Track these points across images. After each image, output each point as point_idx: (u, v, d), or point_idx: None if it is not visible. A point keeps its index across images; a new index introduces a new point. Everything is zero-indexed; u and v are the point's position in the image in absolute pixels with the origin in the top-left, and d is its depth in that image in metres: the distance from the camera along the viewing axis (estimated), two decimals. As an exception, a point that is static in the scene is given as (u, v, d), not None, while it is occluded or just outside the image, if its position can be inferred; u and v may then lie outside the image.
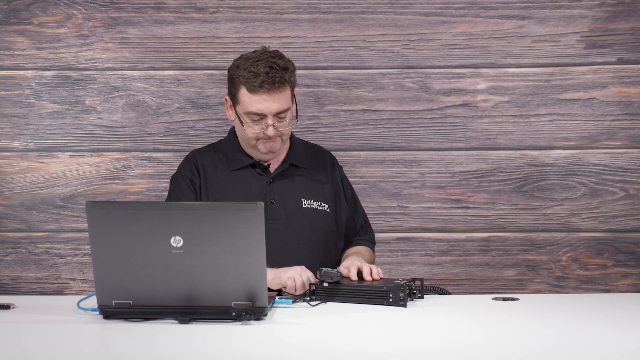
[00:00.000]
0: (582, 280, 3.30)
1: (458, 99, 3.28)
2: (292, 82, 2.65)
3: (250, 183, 2.71)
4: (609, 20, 3.24)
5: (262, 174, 2.72)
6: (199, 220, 2.18)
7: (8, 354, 1.99)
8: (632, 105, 3.26)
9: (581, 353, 2.00)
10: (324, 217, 2.73)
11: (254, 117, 2.63)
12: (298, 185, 2.73)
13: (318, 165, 2.80)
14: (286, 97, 2.63)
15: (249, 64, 2.62)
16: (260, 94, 2.60)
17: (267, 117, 2.62)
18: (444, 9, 3.26)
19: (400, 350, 2.02)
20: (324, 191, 2.76)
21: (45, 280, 3.31)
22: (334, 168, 2.84)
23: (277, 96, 2.61)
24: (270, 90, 2.60)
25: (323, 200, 2.75)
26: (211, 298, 2.21)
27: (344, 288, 2.44)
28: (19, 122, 3.28)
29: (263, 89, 2.60)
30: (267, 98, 2.61)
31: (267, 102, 2.61)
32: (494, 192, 3.29)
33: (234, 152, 2.75)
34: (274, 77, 2.59)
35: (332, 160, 2.86)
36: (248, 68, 2.61)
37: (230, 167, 2.74)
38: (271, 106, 2.61)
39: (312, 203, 2.72)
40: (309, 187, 2.74)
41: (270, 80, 2.59)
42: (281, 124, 2.64)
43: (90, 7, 3.26)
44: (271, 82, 2.59)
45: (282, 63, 2.62)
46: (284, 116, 2.65)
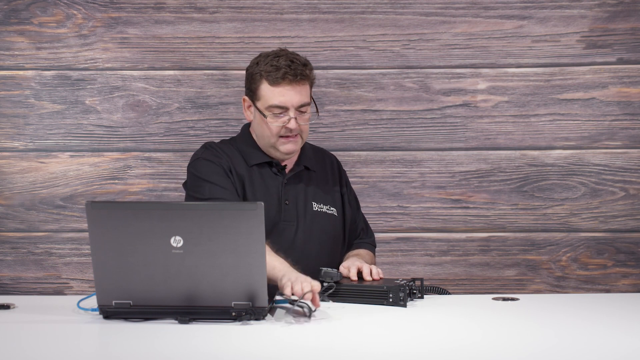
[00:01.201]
0: (582, 280, 3.30)
1: (458, 99, 3.28)
2: (311, 78, 2.65)
3: (268, 182, 2.68)
4: (609, 20, 3.24)
5: (278, 174, 2.69)
6: (199, 220, 2.18)
7: (8, 354, 1.99)
8: (632, 105, 3.26)
9: (581, 353, 2.00)
10: (332, 221, 2.73)
11: (276, 110, 2.60)
12: (309, 189, 2.72)
13: (326, 169, 2.79)
14: (307, 91, 2.63)
15: (270, 59, 2.61)
16: (282, 86, 2.59)
17: (289, 110, 2.60)
18: (444, 9, 3.26)
19: (400, 350, 2.02)
20: (333, 195, 2.76)
21: (45, 280, 3.31)
22: (340, 172, 2.84)
23: (299, 89, 2.60)
24: (293, 82, 2.59)
25: (332, 205, 2.74)
26: (211, 298, 2.21)
27: (344, 288, 2.44)
28: (19, 122, 3.28)
29: (285, 80, 2.58)
30: (290, 90, 2.59)
31: (290, 94, 2.59)
32: (494, 192, 3.29)
33: (250, 149, 2.70)
34: (295, 70, 2.59)
35: (338, 164, 2.86)
36: (269, 62, 2.60)
37: (249, 162, 2.68)
38: (293, 98, 2.60)
39: (322, 207, 2.72)
40: (319, 190, 2.73)
41: (293, 72, 2.58)
42: (302, 118, 2.62)
43: (90, 7, 3.26)
44: (293, 74, 2.58)
45: (302, 59, 2.63)
46: (305, 110, 2.63)
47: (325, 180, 2.77)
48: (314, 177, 2.74)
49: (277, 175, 2.69)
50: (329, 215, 2.72)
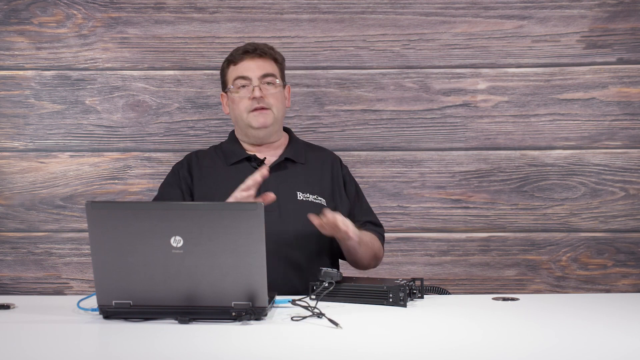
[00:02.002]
0: (582, 280, 3.30)
1: (458, 99, 3.28)
2: (278, 61, 2.78)
3: (246, 176, 2.71)
4: (609, 20, 3.24)
5: (257, 167, 2.73)
6: (199, 220, 2.18)
7: (8, 354, 1.99)
8: (632, 105, 3.26)
9: (581, 353, 2.00)
10: (319, 209, 2.72)
11: (240, 81, 2.73)
12: (293, 179, 2.74)
13: (317, 163, 2.81)
14: (271, 66, 2.76)
15: (235, 49, 2.79)
16: (244, 60, 2.75)
17: (252, 80, 2.72)
18: (444, 9, 3.26)
19: (400, 350, 2.02)
20: (322, 185, 2.77)
21: (45, 280, 3.31)
22: (337, 166, 2.84)
23: (260, 62, 2.75)
24: (254, 56, 2.74)
25: (320, 194, 2.75)
26: (211, 298, 2.21)
27: (344, 288, 2.44)
28: (19, 122, 3.28)
29: (246, 55, 2.74)
30: (251, 62, 2.74)
31: (251, 65, 2.74)
32: (494, 192, 3.29)
33: (232, 148, 2.80)
34: (255, 46, 2.76)
35: (337, 160, 2.87)
36: (233, 50, 2.79)
37: (227, 162, 2.78)
38: (254, 69, 2.73)
39: (308, 196, 2.73)
40: (305, 180, 2.75)
41: (252, 48, 2.75)
42: (269, 89, 2.73)
43: (90, 7, 3.26)
44: (253, 49, 2.75)
45: (268, 45, 2.79)
46: (271, 82, 2.74)
47: (315, 172, 2.79)
48: (301, 169, 2.77)
49: (257, 169, 2.71)
50: (316, 204, 2.72)
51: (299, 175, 2.76)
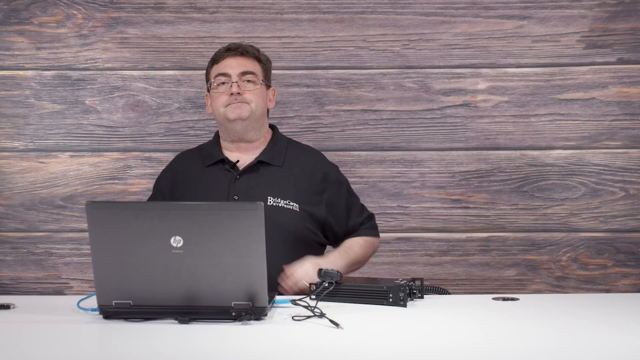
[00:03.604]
0: (582, 280, 3.30)
1: (458, 99, 3.28)
2: (262, 62, 2.78)
3: (217, 179, 2.72)
4: (609, 20, 3.24)
5: (230, 170, 2.72)
6: (199, 220, 2.18)
7: (8, 354, 1.99)
8: (632, 105, 3.26)
9: (581, 353, 2.00)
10: (290, 216, 2.69)
11: (220, 78, 2.73)
12: (266, 183, 2.71)
13: (299, 166, 2.76)
14: (253, 65, 2.76)
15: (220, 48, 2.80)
16: (224, 59, 2.76)
17: (231, 76, 2.72)
18: (444, 9, 3.26)
19: (400, 350, 2.02)
20: (297, 190, 2.72)
21: (45, 280, 3.31)
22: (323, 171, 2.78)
23: (242, 60, 2.75)
24: (235, 54, 2.76)
25: (293, 200, 2.70)
26: (211, 298, 2.21)
27: (344, 288, 2.44)
28: (19, 122, 3.29)
29: (228, 53, 2.76)
30: (231, 60, 2.75)
31: (231, 63, 2.74)
32: (494, 192, 3.29)
33: (211, 148, 2.80)
34: (238, 45, 2.78)
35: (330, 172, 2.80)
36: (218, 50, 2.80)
37: (204, 163, 2.78)
38: (235, 67, 2.73)
39: (279, 201, 2.69)
40: (279, 185, 2.71)
41: (235, 46, 2.77)
42: (247, 87, 2.72)
43: (90, 7, 3.26)
44: (235, 48, 2.76)
45: (254, 47, 2.80)
46: (252, 80, 2.73)
47: (292, 176, 2.74)
48: (275, 172, 2.73)
49: (229, 172, 2.72)
50: (287, 210, 2.68)
51: (273, 179, 2.72)
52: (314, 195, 2.74)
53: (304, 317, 2.25)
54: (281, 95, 3.26)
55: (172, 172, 2.83)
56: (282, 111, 3.27)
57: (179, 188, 2.78)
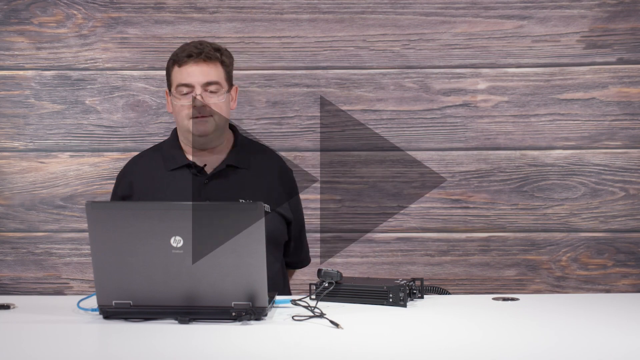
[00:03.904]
0: (582, 280, 3.30)
1: (458, 99, 3.28)
2: (225, 63, 2.68)
3: (185, 184, 2.68)
4: (609, 20, 3.24)
5: (198, 174, 2.69)
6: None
7: (8, 354, 1.99)
8: (632, 105, 3.26)
9: (581, 353, 2.00)
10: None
11: (183, 89, 2.65)
12: (236, 186, 2.69)
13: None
14: (216, 72, 2.66)
15: (180, 47, 2.70)
16: (187, 65, 2.64)
17: (195, 87, 2.64)
18: (444, 9, 3.26)
19: (400, 350, 2.02)
20: (266, 191, 2.70)
21: (45, 280, 3.31)
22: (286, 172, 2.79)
23: (205, 68, 2.65)
24: (198, 60, 2.64)
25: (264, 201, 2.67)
26: (211, 298, 2.21)
27: (344, 288, 2.44)
28: (19, 122, 3.28)
29: (190, 59, 2.64)
30: (195, 68, 2.64)
31: (194, 72, 2.64)
32: (494, 192, 3.29)
33: (172, 152, 2.74)
34: (201, 49, 2.65)
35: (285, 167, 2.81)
36: (179, 49, 2.69)
37: (167, 167, 2.72)
38: (198, 76, 2.64)
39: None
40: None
41: (197, 51, 2.65)
42: (211, 98, 2.64)
43: (90, 7, 3.26)
44: (198, 53, 2.64)
45: (215, 45, 2.69)
46: (215, 90, 2.65)
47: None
48: (243, 175, 2.71)
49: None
50: None
51: (242, 182, 2.70)
52: (282, 195, 2.74)
53: (304, 317, 2.25)
54: (281, 95, 3.26)
55: (129, 178, 2.77)
56: (282, 111, 3.27)
57: (138, 193, 2.72)
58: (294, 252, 2.83)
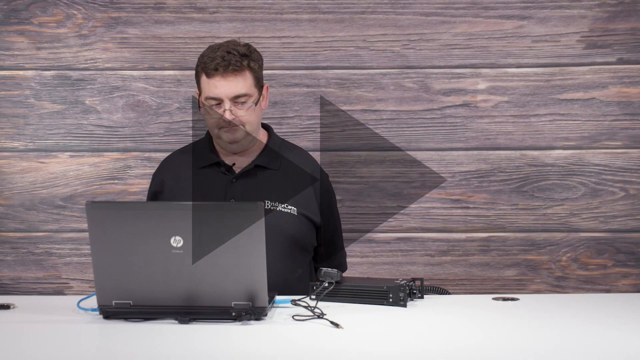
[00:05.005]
0: (582, 280, 3.30)
1: (458, 99, 3.28)
2: (253, 69, 2.64)
3: (213, 182, 2.69)
4: (609, 20, 3.24)
5: (226, 173, 2.69)
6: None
7: (8, 354, 1.99)
8: (632, 105, 3.26)
9: (581, 353, 2.00)
10: (288, 219, 2.67)
11: (212, 102, 2.63)
12: (263, 186, 2.68)
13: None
14: (244, 82, 2.62)
15: (210, 50, 2.65)
16: (215, 78, 2.61)
17: (223, 101, 2.62)
18: (444, 9, 3.26)
19: (400, 350, 2.02)
20: (294, 194, 2.70)
21: (45, 280, 3.31)
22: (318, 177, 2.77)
23: (233, 80, 2.61)
24: (225, 73, 2.60)
25: (291, 203, 2.68)
26: (211, 298, 2.21)
27: (344, 288, 2.45)
28: (19, 122, 3.29)
29: (218, 72, 2.60)
30: (222, 81, 2.61)
31: (222, 85, 2.61)
32: (494, 192, 3.29)
33: (204, 150, 2.75)
34: (229, 61, 2.60)
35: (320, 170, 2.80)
36: (208, 54, 2.64)
37: (197, 164, 2.73)
38: (226, 90, 2.61)
39: (277, 205, 2.66)
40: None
41: (225, 63, 2.60)
42: (240, 110, 2.62)
43: (90, 7, 3.26)
44: (225, 65, 2.60)
45: (242, 50, 2.64)
46: (245, 101, 2.63)
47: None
48: (272, 175, 2.71)
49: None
50: (285, 214, 2.67)
51: (270, 183, 2.70)
52: (310, 199, 2.72)
53: (304, 317, 2.26)
54: (281, 95, 3.26)
55: (161, 176, 2.80)
56: (282, 111, 3.27)
57: (169, 189, 2.74)
58: (326, 258, 2.81)
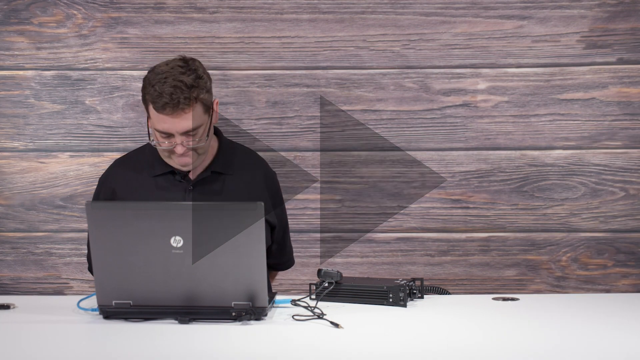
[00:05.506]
0: (582, 280, 3.30)
1: (458, 99, 3.28)
2: (203, 99, 2.56)
3: (170, 190, 2.65)
4: (609, 20, 3.24)
5: (182, 181, 2.65)
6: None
7: (8, 354, 1.99)
8: (632, 105, 3.26)
9: (581, 353, 2.00)
10: None
11: (162, 134, 2.57)
12: (221, 192, 2.67)
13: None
14: (195, 116, 2.54)
15: (157, 81, 2.54)
16: (165, 114, 2.53)
17: (174, 136, 2.55)
18: (444, 9, 3.26)
19: (400, 350, 2.02)
20: (251, 197, 2.66)
21: (45, 280, 3.31)
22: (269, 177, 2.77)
23: (183, 117, 2.53)
24: (174, 112, 2.52)
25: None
26: (211, 298, 2.21)
27: (344, 288, 2.45)
28: (19, 122, 3.28)
29: (166, 110, 2.52)
30: (172, 119, 2.53)
31: (173, 122, 2.53)
32: (494, 192, 3.29)
33: (154, 159, 2.69)
34: (177, 98, 2.51)
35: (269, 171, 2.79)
36: (155, 85, 2.54)
37: (151, 173, 2.68)
38: (177, 126, 2.53)
39: None
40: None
41: (174, 103, 2.51)
42: (192, 141, 2.56)
43: (90, 7, 3.26)
44: (174, 105, 2.51)
45: (190, 80, 2.53)
46: (195, 133, 2.56)
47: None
48: (229, 180, 2.69)
49: (182, 182, 2.66)
50: None
51: (227, 188, 2.68)
52: (267, 201, 2.69)
53: (304, 317, 2.26)
54: (281, 95, 3.26)
55: (111, 184, 2.74)
56: (282, 111, 3.27)
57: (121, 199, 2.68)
58: (277, 255, 2.80)
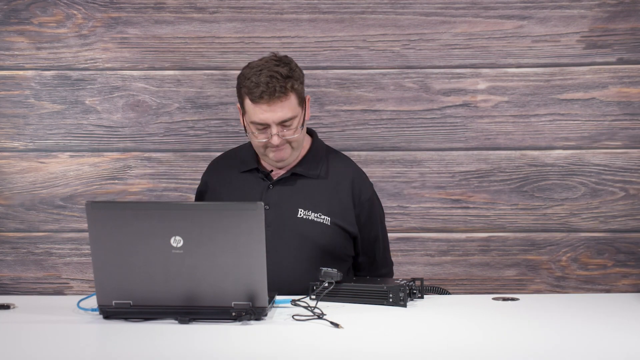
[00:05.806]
0: (582, 280, 3.30)
1: (458, 99, 3.28)
2: (297, 90, 2.62)
3: (251, 187, 2.70)
4: (609, 20, 3.24)
5: (264, 179, 2.70)
6: (199, 220, 2.18)
7: (8, 354, 1.99)
8: (632, 105, 3.26)
9: (581, 353, 2.00)
10: (319, 229, 2.66)
11: (258, 126, 2.61)
12: (298, 194, 2.68)
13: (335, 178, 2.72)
14: (290, 105, 2.60)
15: (252, 73, 2.60)
16: (261, 105, 2.58)
17: (270, 126, 2.60)
18: (444, 9, 3.26)
19: (400, 350, 2.02)
20: (331, 203, 2.68)
21: (45, 280, 3.31)
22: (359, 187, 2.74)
23: (279, 105, 2.59)
24: (271, 100, 2.57)
25: (325, 213, 2.67)
26: (211, 298, 2.21)
27: (343, 288, 2.44)
28: (19, 122, 3.29)
29: (263, 99, 2.57)
30: (268, 108, 2.59)
31: (269, 112, 2.59)
32: (494, 192, 3.29)
33: (247, 156, 2.75)
34: (274, 87, 2.57)
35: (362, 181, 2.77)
36: (250, 78, 2.60)
37: (240, 168, 2.74)
38: (273, 116, 2.59)
39: (309, 214, 2.66)
40: (311, 197, 2.68)
41: (270, 91, 2.57)
42: (287, 132, 2.61)
43: (90, 7, 3.26)
44: (271, 93, 2.57)
45: (285, 71, 2.59)
46: (290, 124, 2.61)
47: (327, 188, 2.70)
48: (309, 184, 2.70)
49: (264, 180, 2.70)
50: (316, 223, 2.65)
51: (305, 191, 2.69)
52: (347, 209, 2.70)
53: (304, 317, 2.26)
54: (281, 95, 3.26)
55: (206, 177, 2.83)
56: (282, 111, 3.27)
57: (212, 191, 2.77)
58: (368, 268, 2.78)
